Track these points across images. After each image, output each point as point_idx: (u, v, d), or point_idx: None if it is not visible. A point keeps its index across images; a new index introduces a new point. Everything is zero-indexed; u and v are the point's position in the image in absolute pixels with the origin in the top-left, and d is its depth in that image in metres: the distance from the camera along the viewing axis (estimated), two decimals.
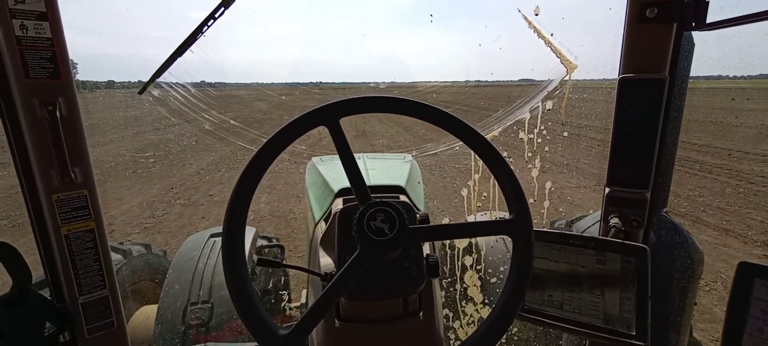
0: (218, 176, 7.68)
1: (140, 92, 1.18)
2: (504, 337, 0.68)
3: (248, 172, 0.67)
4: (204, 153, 10.01)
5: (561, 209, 5.22)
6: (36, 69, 0.86)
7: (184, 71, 1.15)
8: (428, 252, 0.86)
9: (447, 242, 2.09)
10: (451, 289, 2.07)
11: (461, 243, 2.04)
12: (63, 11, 0.88)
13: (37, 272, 1.10)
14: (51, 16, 0.85)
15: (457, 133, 0.71)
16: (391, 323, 0.95)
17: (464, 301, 2.03)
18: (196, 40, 1.05)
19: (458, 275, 2.04)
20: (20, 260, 0.87)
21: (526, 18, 1.41)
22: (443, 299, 2.09)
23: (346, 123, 0.71)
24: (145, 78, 1.15)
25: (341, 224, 0.85)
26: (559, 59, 1.40)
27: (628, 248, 0.87)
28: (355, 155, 0.72)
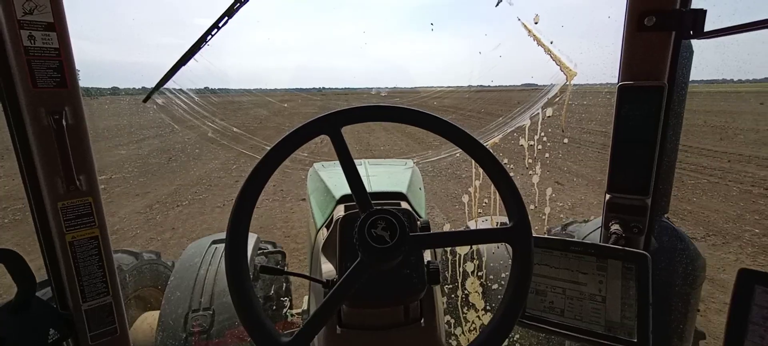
0: (173, 214, 5.69)
1: (145, 100, 1.19)
2: (506, 344, 0.68)
3: (251, 181, 0.68)
4: (172, 175, 8.26)
5: (562, 216, 5.21)
6: (43, 79, 0.87)
7: (187, 79, 1.16)
8: (429, 259, 0.86)
9: (448, 248, 2.09)
10: (453, 295, 2.07)
11: (462, 249, 2.04)
12: (70, 20, 0.89)
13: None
14: (58, 26, 0.87)
15: (457, 141, 0.72)
16: (393, 330, 0.95)
17: (466, 307, 2.03)
18: (200, 49, 1.07)
19: (460, 281, 2.04)
20: (25, 266, 0.88)
21: (525, 26, 1.43)
22: (445, 306, 2.08)
23: (350, 135, 0.71)
24: (149, 84, 1.17)
25: (343, 231, 0.85)
26: (558, 66, 1.42)
27: (628, 255, 0.87)
28: (357, 161, 0.73)
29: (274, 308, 2.05)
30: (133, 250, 2.22)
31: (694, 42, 1.00)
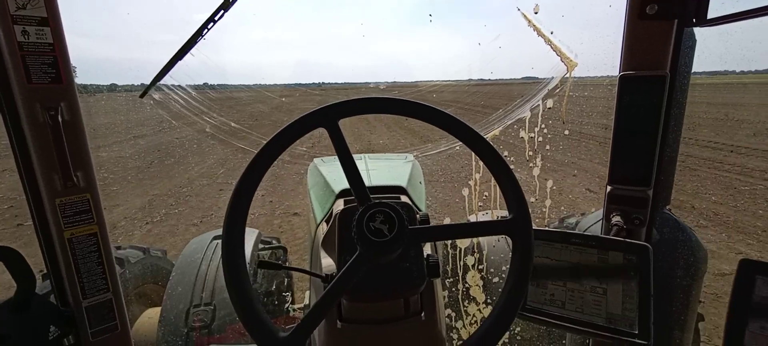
0: (139, 235, 4.81)
1: (141, 96, 1.18)
2: (507, 336, 0.68)
3: (248, 174, 0.68)
4: (151, 182, 7.14)
5: (563, 208, 5.19)
6: (38, 74, 0.86)
7: (185, 74, 1.16)
8: (429, 252, 0.86)
9: (449, 241, 2.09)
10: (454, 289, 2.07)
11: (463, 243, 2.03)
12: (65, 16, 0.88)
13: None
14: (52, 21, 0.86)
15: (456, 132, 0.71)
16: (393, 323, 0.95)
17: (467, 301, 2.03)
18: (197, 43, 1.06)
19: (460, 274, 2.04)
20: (24, 264, 0.88)
21: (525, 16, 1.41)
22: (446, 299, 2.09)
23: (349, 131, 0.70)
24: (147, 81, 1.16)
25: (341, 225, 0.85)
26: (559, 57, 1.40)
27: (630, 247, 0.87)
28: (357, 156, 0.72)
29: (276, 302, 2.05)
30: (132, 248, 2.22)
31: (697, 30, 0.98)
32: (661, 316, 1.26)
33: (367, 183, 0.71)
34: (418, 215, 0.89)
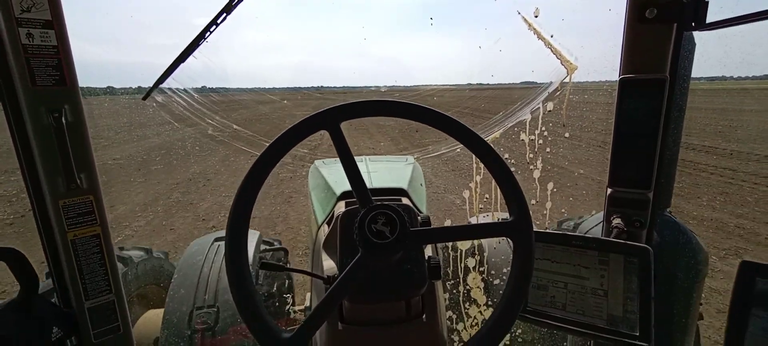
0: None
1: (144, 98, 1.19)
2: (508, 339, 0.68)
3: (251, 176, 0.68)
4: None
5: (563, 210, 5.19)
6: (42, 76, 0.87)
7: (187, 76, 1.16)
8: (430, 255, 0.86)
9: (450, 243, 2.09)
10: (455, 291, 2.07)
11: (464, 245, 2.04)
12: (67, 19, 0.89)
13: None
14: (57, 24, 0.87)
15: (457, 135, 0.72)
16: (395, 325, 0.95)
17: (468, 303, 2.03)
18: (199, 45, 1.07)
19: (461, 276, 2.04)
20: (27, 265, 0.88)
21: (525, 20, 1.42)
22: (447, 301, 2.09)
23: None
24: (145, 84, 1.17)
25: (343, 226, 0.85)
26: (559, 61, 1.41)
27: (631, 249, 0.87)
28: (358, 158, 0.73)
29: (277, 304, 2.05)
30: (134, 249, 2.22)
31: (697, 34, 0.99)
32: (661, 318, 1.26)
33: (367, 185, 0.71)
34: (419, 217, 0.89)
